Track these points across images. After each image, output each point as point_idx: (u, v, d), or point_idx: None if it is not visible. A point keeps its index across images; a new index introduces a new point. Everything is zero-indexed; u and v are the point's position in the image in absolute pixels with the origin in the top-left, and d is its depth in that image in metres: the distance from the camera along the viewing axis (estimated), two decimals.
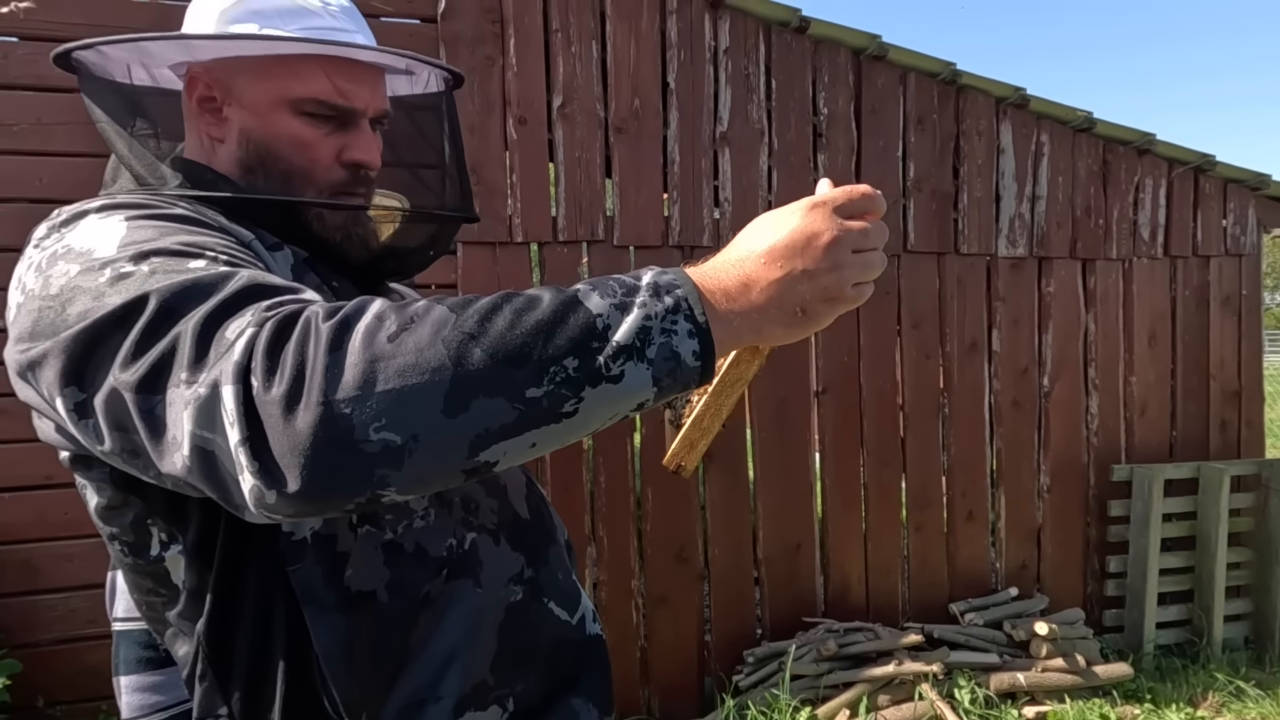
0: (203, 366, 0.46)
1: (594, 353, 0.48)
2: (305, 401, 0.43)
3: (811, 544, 2.79)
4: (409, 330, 0.46)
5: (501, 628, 0.68)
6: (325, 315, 0.46)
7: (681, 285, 0.51)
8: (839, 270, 0.54)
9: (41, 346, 0.52)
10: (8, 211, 2.12)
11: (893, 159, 2.80)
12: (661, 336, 0.49)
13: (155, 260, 0.51)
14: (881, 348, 2.84)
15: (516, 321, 0.47)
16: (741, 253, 0.54)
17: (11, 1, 2.03)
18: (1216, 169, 3.15)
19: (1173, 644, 3.05)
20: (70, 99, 2.15)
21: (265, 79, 0.66)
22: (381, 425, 0.44)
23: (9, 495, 2.14)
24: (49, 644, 2.16)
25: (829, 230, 0.54)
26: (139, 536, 0.62)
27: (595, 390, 0.48)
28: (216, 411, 0.45)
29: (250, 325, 0.46)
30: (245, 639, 0.60)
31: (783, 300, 0.53)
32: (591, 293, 0.50)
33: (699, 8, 2.57)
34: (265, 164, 0.67)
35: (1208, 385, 3.20)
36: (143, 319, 0.48)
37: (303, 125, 0.67)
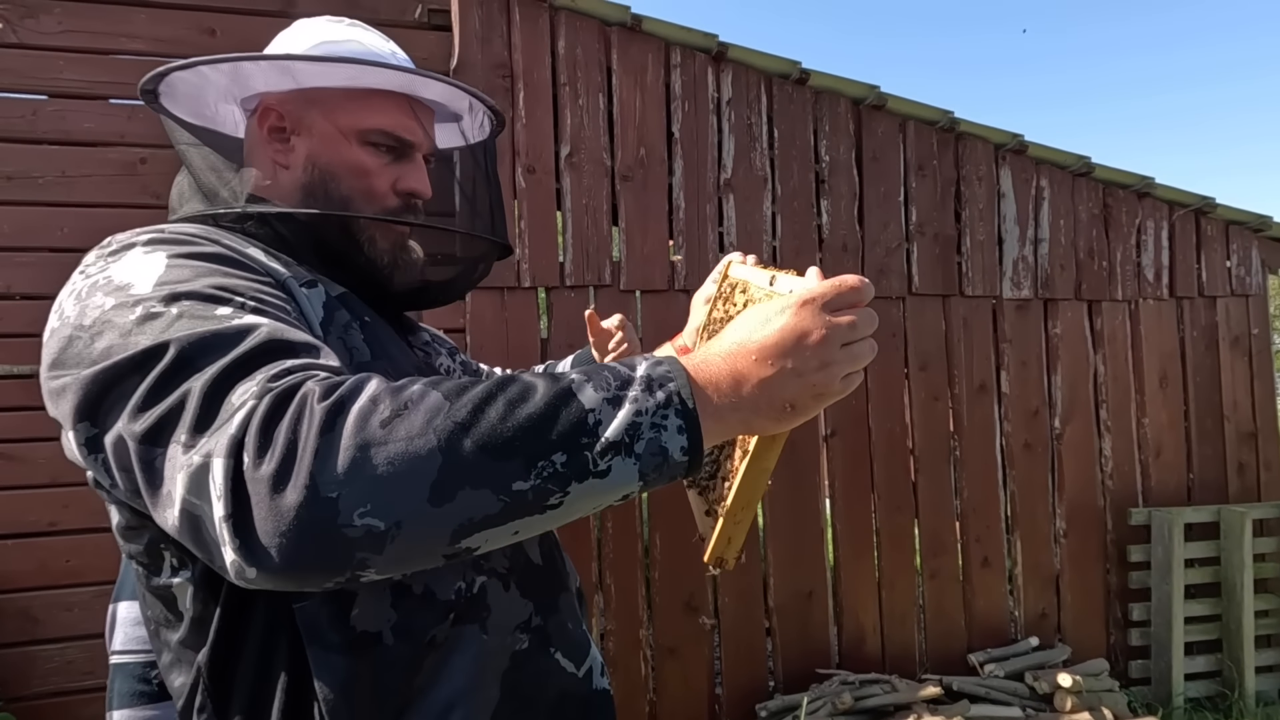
0: (203, 432, 0.47)
1: (583, 449, 0.48)
2: (293, 482, 0.44)
3: (824, 592, 2.72)
4: (402, 417, 0.46)
5: (505, 676, 0.66)
6: (321, 395, 0.46)
7: (675, 379, 0.52)
8: (827, 367, 0.55)
9: (65, 379, 0.53)
10: (32, 260, 2.17)
11: (895, 204, 2.84)
12: (651, 432, 0.50)
13: (185, 303, 0.53)
14: (890, 390, 2.82)
15: (509, 414, 0.47)
16: (733, 346, 0.55)
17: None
18: (1217, 211, 3.18)
19: (1203, 696, 2.93)
20: (92, 152, 2.22)
21: (338, 110, 0.71)
22: (366, 511, 0.44)
23: (11, 542, 2.12)
24: (45, 696, 2.12)
25: (818, 329, 0.54)
26: (153, 559, 0.63)
27: (581, 485, 0.48)
28: (206, 482, 0.45)
29: (252, 398, 0.47)
30: (246, 673, 0.59)
31: (772, 397, 0.54)
32: (586, 384, 0.50)
33: (702, 61, 2.66)
34: (328, 188, 0.70)
35: (1222, 427, 3.16)
36: (159, 368, 0.49)
37: (366, 154, 0.72)
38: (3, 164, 2.15)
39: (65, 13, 2.20)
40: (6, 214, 2.16)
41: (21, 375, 2.15)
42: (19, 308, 2.17)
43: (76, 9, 2.21)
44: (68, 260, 2.18)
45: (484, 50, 2.45)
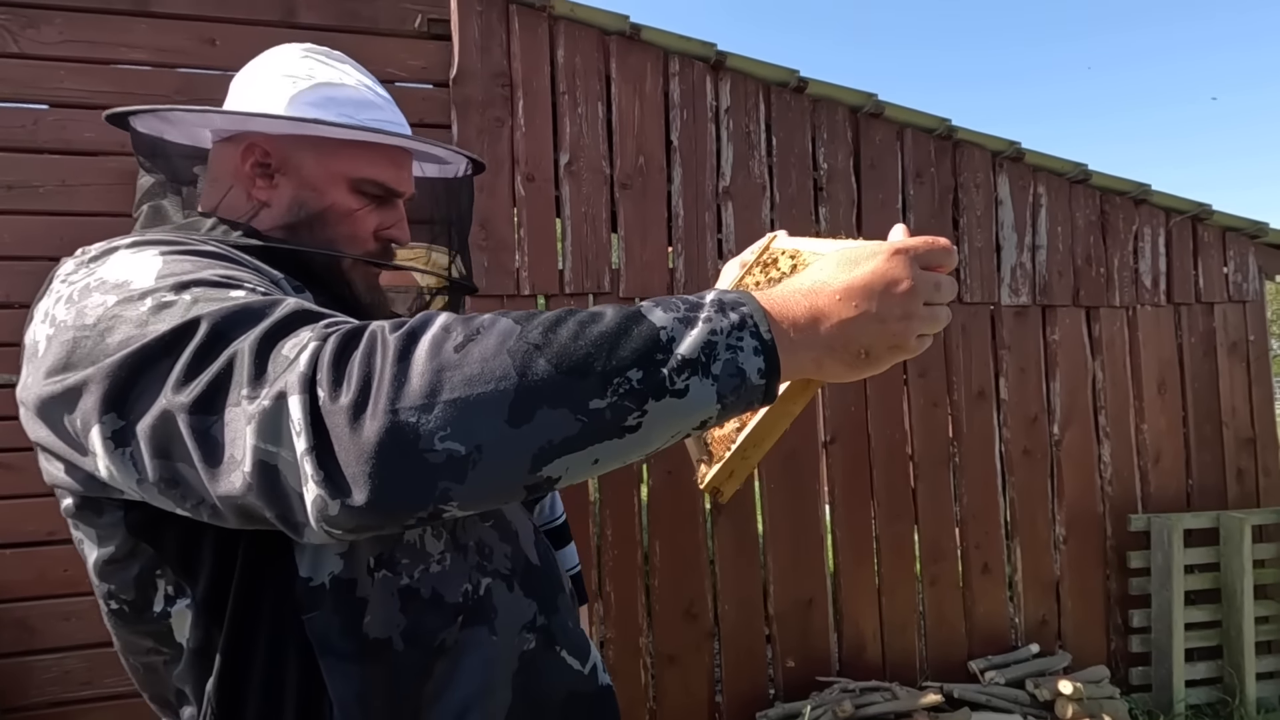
0: (264, 381, 0.45)
1: (658, 365, 0.46)
2: (372, 410, 0.43)
3: (824, 599, 2.72)
4: (475, 340, 0.45)
5: (516, 677, 0.66)
6: (392, 328, 0.46)
7: (747, 304, 0.51)
8: (909, 320, 0.53)
9: (79, 375, 0.50)
10: (32, 269, 2.16)
11: (893, 211, 2.85)
12: (727, 353, 0.48)
13: (196, 290, 0.51)
14: (889, 397, 2.83)
15: (581, 333, 0.46)
16: (814, 284, 0.53)
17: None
18: (1214, 217, 3.19)
19: (1204, 703, 2.93)
20: (93, 162, 2.23)
21: (332, 157, 0.71)
22: (447, 434, 0.43)
23: (9, 551, 2.12)
24: (42, 707, 2.11)
25: (907, 279, 0.53)
26: (142, 591, 0.60)
27: (659, 404, 0.47)
28: (282, 423, 0.44)
29: (312, 340, 0.46)
30: (256, 696, 0.59)
31: (849, 340, 0.52)
32: (655, 308, 0.49)
33: (701, 70, 2.67)
34: (314, 230, 0.70)
35: (1221, 433, 3.17)
36: (194, 342, 0.47)
37: (354, 200, 0.72)
38: (4, 174, 2.16)
39: (66, 23, 2.21)
40: (7, 223, 2.16)
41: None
42: (18, 316, 2.17)
43: (77, 19, 2.22)
44: None
45: (483, 59, 2.46)
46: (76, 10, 2.22)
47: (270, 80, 0.73)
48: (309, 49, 0.78)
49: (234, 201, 0.71)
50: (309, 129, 0.70)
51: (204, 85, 2.30)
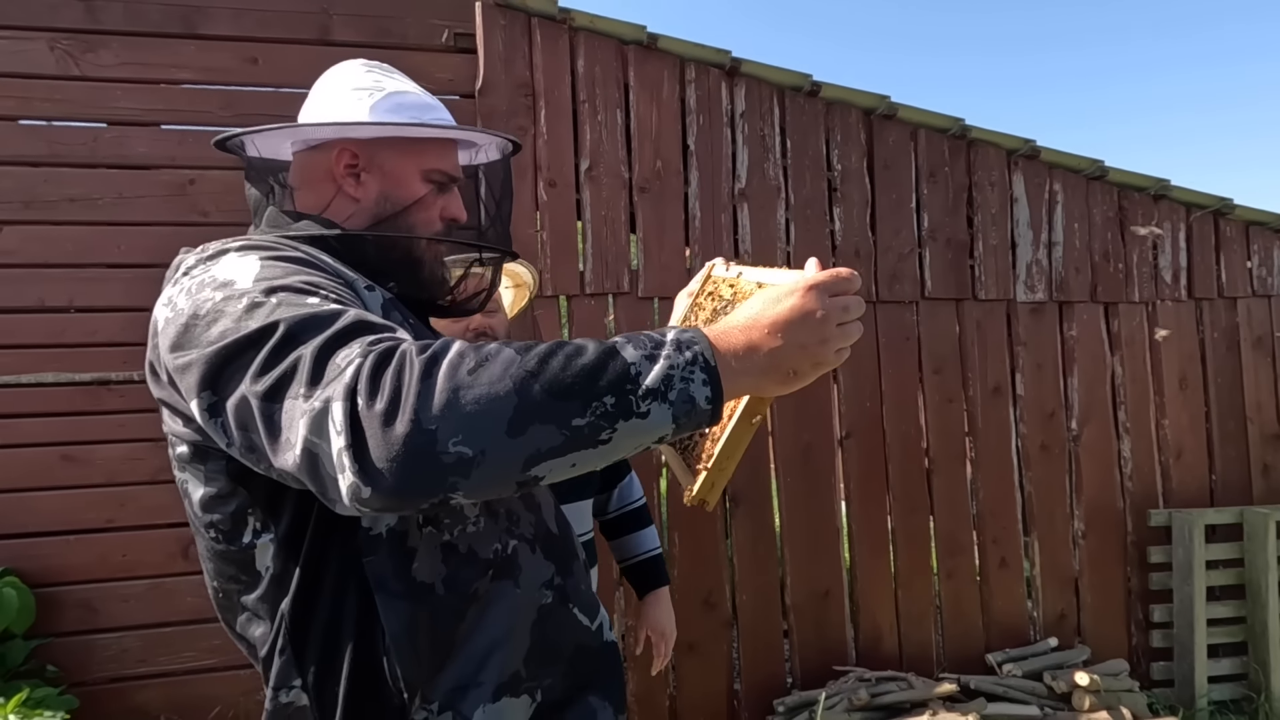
0: (318, 385, 0.57)
1: (628, 393, 0.58)
2: (400, 417, 0.54)
3: (840, 591, 2.77)
4: (484, 366, 0.56)
5: (534, 626, 0.77)
6: (419, 350, 0.57)
7: (699, 343, 0.63)
8: (825, 342, 0.65)
9: (188, 356, 0.64)
10: (92, 276, 2.33)
11: (907, 210, 2.90)
12: (681, 384, 0.60)
13: (281, 295, 0.64)
14: (904, 393, 2.87)
15: (568, 364, 0.58)
16: (747, 320, 0.66)
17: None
18: (1236, 212, 3.17)
19: (1228, 699, 2.91)
20: (146, 175, 2.39)
21: (408, 154, 0.85)
22: (459, 440, 0.54)
23: (74, 538, 2.28)
24: (102, 682, 2.26)
25: (819, 309, 0.65)
26: (236, 524, 0.72)
27: (627, 423, 0.59)
28: (326, 423, 0.55)
29: (358, 355, 0.57)
30: (320, 619, 0.70)
31: (779, 364, 0.64)
32: (627, 345, 0.61)
33: (716, 76, 2.75)
34: (397, 217, 0.84)
35: (1245, 428, 3.15)
36: (272, 341, 0.60)
37: (426, 189, 0.85)
38: (67, 187, 2.33)
39: (122, 46, 2.37)
40: (69, 233, 2.33)
41: (82, 383, 2.31)
42: (79, 320, 2.34)
43: (132, 42, 2.38)
44: (125, 276, 2.35)
45: (507, 71, 2.58)
46: (131, 34, 2.38)
47: (346, 93, 0.85)
48: (368, 64, 0.89)
49: (326, 199, 0.83)
50: (403, 132, 0.83)
51: (248, 101, 2.45)
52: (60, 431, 2.28)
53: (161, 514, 2.32)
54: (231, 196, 2.41)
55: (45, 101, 2.33)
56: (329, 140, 0.83)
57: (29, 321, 2.30)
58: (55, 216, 2.32)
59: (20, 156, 2.31)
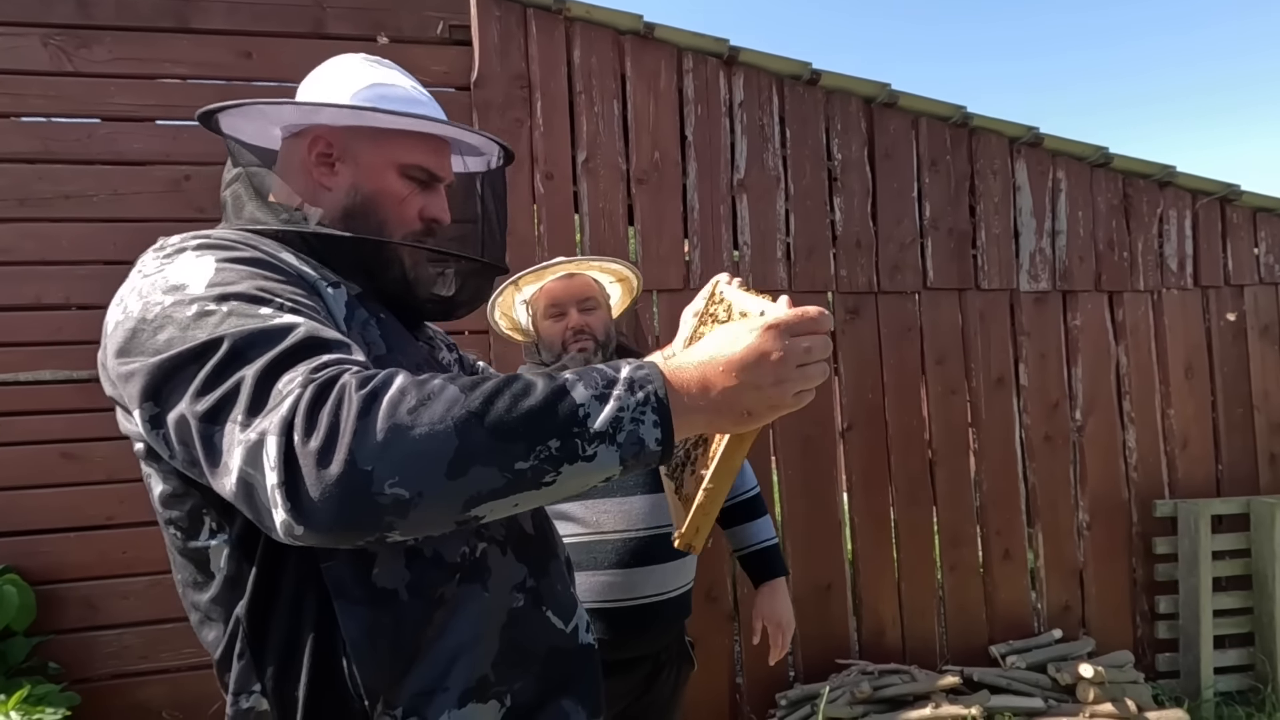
0: (256, 414, 0.55)
1: (574, 436, 0.57)
2: (335, 457, 0.52)
3: (843, 584, 2.76)
4: (425, 405, 0.54)
5: (504, 630, 0.75)
6: (358, 385, 0.55)
7: (652, 381, 0.61)
8: (782, 384, 0.63)
9: (133, 364, 0.62)
10: (88, 273, 2.33)
11: (908, 200, 2.87)
12: (631, 425, 0.59)
13: (233, 303, 0.61)
14: (906, 384, 2.85)
15: (514, 406, 0.56)
16: (704, 357, 0.63)
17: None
18: (1243, 198, 3.13)
19: (1234, 691, 2.89)
20: (141, 171, 2.38)
21: (383, 145, 0.81)
22: (395, 482, 0.53)
23: (74, 535, 2.28)
24: (104, 679, 2.27)
25: (777, 350, 0.62)
26: (193, 523, 0.71)
27: (572, 466, 0.57)
28: (261, 456, 0.54)
29: (298, 385, 0.55)
30: (279, 624, 0.68)
31: (733, 404, 0.62)
32: (578, 383, 0.59)
33: (714, 66, 2.72)
34: (367, 211, 0.80)
35: (1252, 418, 3.12)
36: (216, 358, 0.58)
37: (402, 184, 0.82)
38: (62, 184, 2.32)
39: (115, 41, 2.36)
40: (65, 230, 2.32)
41: (80, 380, 2.31)
42: (77, 317, 2.33)
43: (125, 37, 2.37)
44: (122, 272, 2.32)
45: (503, 63, 2.55)
46: (124, 29, 2.37)
47: (332, 82, 0.83)
48: (366, 58, 0.86)
49: (300, 189, 0.80)
50: (367, 118, 0.79)
51: (242, 96, 2.42)
52: (59, 429, 2.28)
53: None
54: None
55: (39, 98, 2.32)
56: (307, 128, 0.81)
57: (26, 319, 2.30)
58: (51, 213, 2.31)
59: (15, 153, 2.30)
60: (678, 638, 1.57)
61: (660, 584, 1.47)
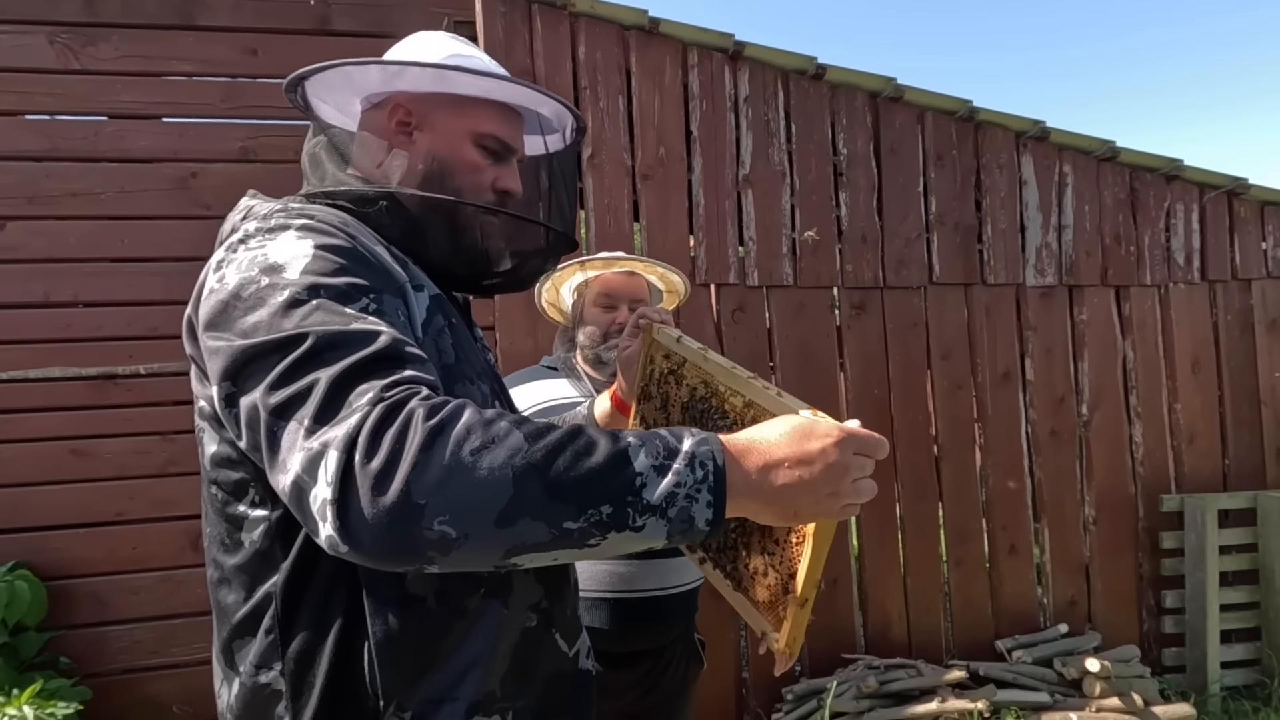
0: (323, 421, 0.56)
1: (627, 505, 0.57)
2: (392, 485, 0.53)
3: (849, 579, 2.76)
4: (488, 449, 0.55)
5: (515, 648, 0.76)
6: (426, 415, 0.55)
7: (714, 459, 0.61)
8: (837, 496, 0.64)
9: (219, 341, 0.63)
10: (96, 270, 2.34)
11: (914, 195, 2.87)
12: (684, 502, 0.59)
13: (322, 298, 0.63)
14: (911, 379, 2.85)
15: (574, 465, 0.56)
16: (773, 442, 0.64)
17: None
18: (1251, 192, 3.12)
19: (1241, 685, 2.89)
20: (148, 169, 2.38)
21: (460, 114, 0.82)
22: (445, 520, 0.54)
23: (84, 531, 2.29)
24: (115, 673, 2.28)
25: (843, 462, 0.63)
26: (238, 489, 0.72)
27: (619, 535, 0.58)
28: (319, 467, 0.55)
29: (367, 403, 0.56)
30: (309, 610, 0.69)
31: (786, 500, 0.63)
32: (639, 450, 0.59)
33: (719, 61, 2.72)
34: (443, 179, 0.81)
35: (1259, 412, 3.11)
36: (296, 353, 0.59)
37: (477, 154, 0.83)
38: (69, 182, 2.33)
39: (121, 39, 2.36)
40: (73, 228, 2.33)
41: (89, 377, 2.32)
42: (85, 314, 2.34)
43: (131, 35, 2.37)
44: (129, 270, 2.35)
45: (507, 58, 2.55)
46: (130, 26, 2.37)
47: (414, 53, 0.84)
48: (447, 34, 0.89)
49: (379, 158, 0.82)
50: (450, 78, 0.80)
51: (249, 93, 2.44)
52: (68, 426, 2.29)
53: (170, 507, 2.33)
54: (234, 190, 2.39)
55: (46, 96, 2.33)
56: (387, 98, 0.82)
57: (35, 317, 2.31)
58: (58, 211, 2.32)
59: (22, 152, 2.31)
60: (686, 635, 1.58)
61: (665, 579, 1.47)
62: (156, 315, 2.35)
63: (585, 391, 1.53)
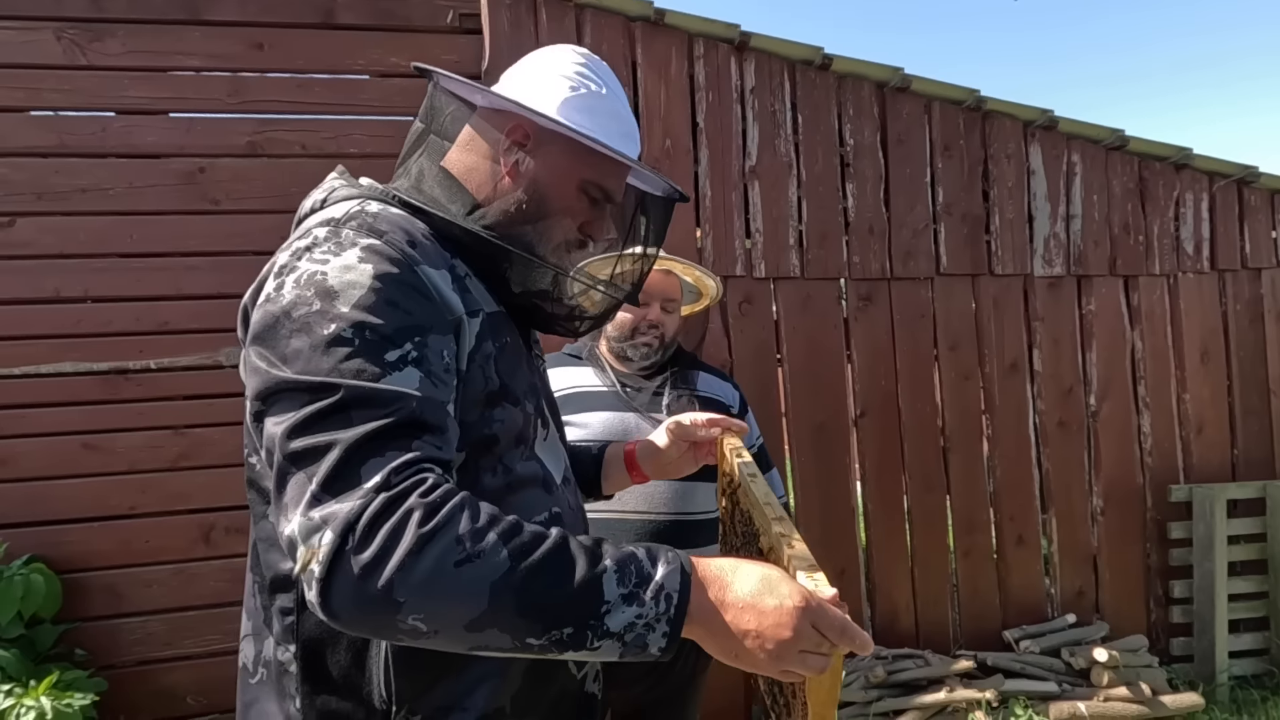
0: (329, 490, 0.59)
1: (588, 628, 0.61)
2: (376, 580, 0.57)
3: (856, 570, 2.77)
4: (472, 563, 0.59)
5: (528, 668, 0.78)
6: (421, 519, 0.58)
7: (679, 591, 0.63)
8: (778, 659, 0.64)
9: (260, 360, 0.66)
10: (106, 266, 2.35)
11: (920, 185, 2.85)
12: (642, 629, 0.62)
13: (368, 337, 0.64)
14: (919, 370, 2.85)
15: (548, 589, 0.60)
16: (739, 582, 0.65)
17: None
18: (1261, 180, 3.10)
19: (1249, 674, 2.89)
20: (156, 164, 2.39)
21: (575, 157, 0.82)
22: (419, 617, 0.59)
23: (98, 524, 2.31)
24: (130, 665, 2.31)
25: (796, 629, 0.63)
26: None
27: (575, 651, 0.62)
28: (314, 539, 0.59)
29: (371, 490, 0.59)
30: None
31: (728, 641, 0.65)
32: (614, 576, 0.62)
33: (725, 52, 2.71)
34: (536, 212, 0.81)
35: (1269, 402, 3.09)
36: (324, 403, 0.62)
37: (577, 197, 0.84)
38: (78, 178, 2.34)
39: (128, 34, 2.37)
40: (82, 224, 2.34)
41: (100, 372, 2.33)
42: (95, 310, 2.35)
43: (138, 30, 2.37)
44: (138, 266, 2.36)
45: (513, 51, 2.54)
46: (137, 22, 2.37)
47: (548, 77, 0.83)
48: (583, 56, 0.87)
49: (481, 166, 0.83)
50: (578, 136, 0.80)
51: (256, 87, 2.44)
52: (80, 421, 2.31)
53: (182, 500, 2.35)
54: (241, 185, 2.41)
55: (54, 92, 2.33)
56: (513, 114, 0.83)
57: (46, 312, 2.32)
58: (68, 207, 2.33)
59: (31, 148, 2.32)
60: None
61: None
62: (166, 310, 2.36)
63: (607, 382, 1.54)
